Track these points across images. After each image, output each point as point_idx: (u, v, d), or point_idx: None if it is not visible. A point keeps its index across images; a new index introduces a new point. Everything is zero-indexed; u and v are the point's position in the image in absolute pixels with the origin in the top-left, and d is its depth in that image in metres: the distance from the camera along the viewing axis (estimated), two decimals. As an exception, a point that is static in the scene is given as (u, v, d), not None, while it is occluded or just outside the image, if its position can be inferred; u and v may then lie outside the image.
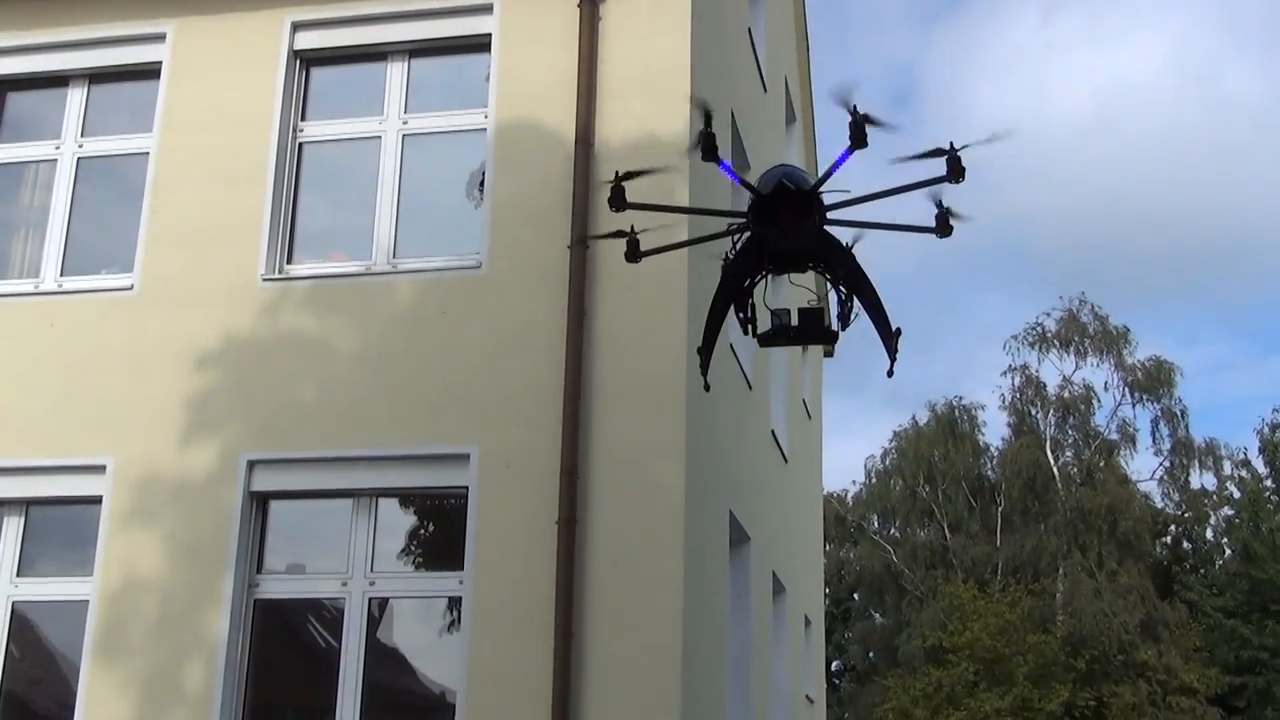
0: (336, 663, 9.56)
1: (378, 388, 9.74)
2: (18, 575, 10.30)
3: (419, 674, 10.05)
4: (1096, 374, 47.23)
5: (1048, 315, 45.93)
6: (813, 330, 4.12)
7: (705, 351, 4.35)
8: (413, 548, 10.08)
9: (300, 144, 10.71)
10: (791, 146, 17.96)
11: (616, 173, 4.49)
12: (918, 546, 46.37)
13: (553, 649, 8.88)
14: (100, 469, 10.08)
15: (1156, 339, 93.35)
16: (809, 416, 18.88)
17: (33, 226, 11.14)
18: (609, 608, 9.06)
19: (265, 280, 10.22)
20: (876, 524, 49.25)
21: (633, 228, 4.44)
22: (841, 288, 4.12)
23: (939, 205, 4.18)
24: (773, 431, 14.46)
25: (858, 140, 3.91)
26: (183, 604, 9.71)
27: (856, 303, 4.14)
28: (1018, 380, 45.46)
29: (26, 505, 10.41)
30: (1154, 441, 45.64)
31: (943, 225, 4.16)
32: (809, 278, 4.81)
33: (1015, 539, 43.76)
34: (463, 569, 9.36)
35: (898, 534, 47.97)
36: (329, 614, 9.95)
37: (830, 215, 4.08)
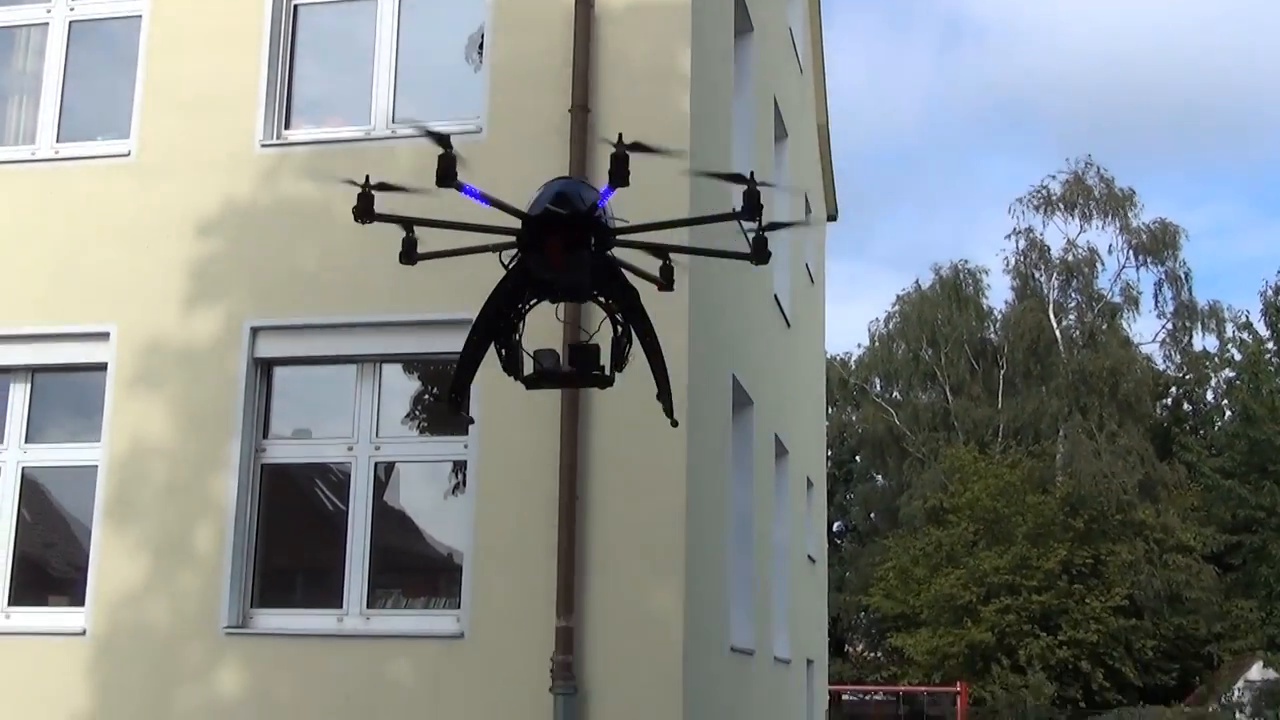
0: (344, 526, 9.71)
1: (379, 253, 9.69)
2: (26, 441, 10.40)
3: (426, 536, 10.22)
4: (1101, 237, 47.18)
5: (1053, 178, 45.76)
6: (585, 372, 3.61)
7: (458, 389, 3.75)
8: (417, 413, 10.16)
9: (295, 7, 10.53)
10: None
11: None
12: (919, 409, 46.73)
13: (557, 511, 9.00)
14: (104, 336, 10.11)
15: (1162, 202, 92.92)
16: (811, 281, 18.86)
17: (26, 93, 11.00)
18: (613, 469, 9.16)
19: (263, 146, 10.14)
20: (879, 387, 49.58)
21: (410, 227, 3.92)
22: (619, 326, 3.66)
23: (754, 232, 3.82)
24: (775, 296, 14.46)
25: (618, 178, 3.62)
26: (191, 469, 9.83)
27: (636, 343, 3.76)
28: (1022, 243, 45.40)
29: (31, 372, 10.47)
30: (1157, 305, 45.78)
31: (759, 252, 3.85)
32: None
33: (1016, 401, 44.09)
34: (467, 433, 9.45)
35: (900, 397, 48.32)
36: (336, 478, 10.07)
37: (626, 238, 3.69)
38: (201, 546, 9.64)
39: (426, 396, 10.21)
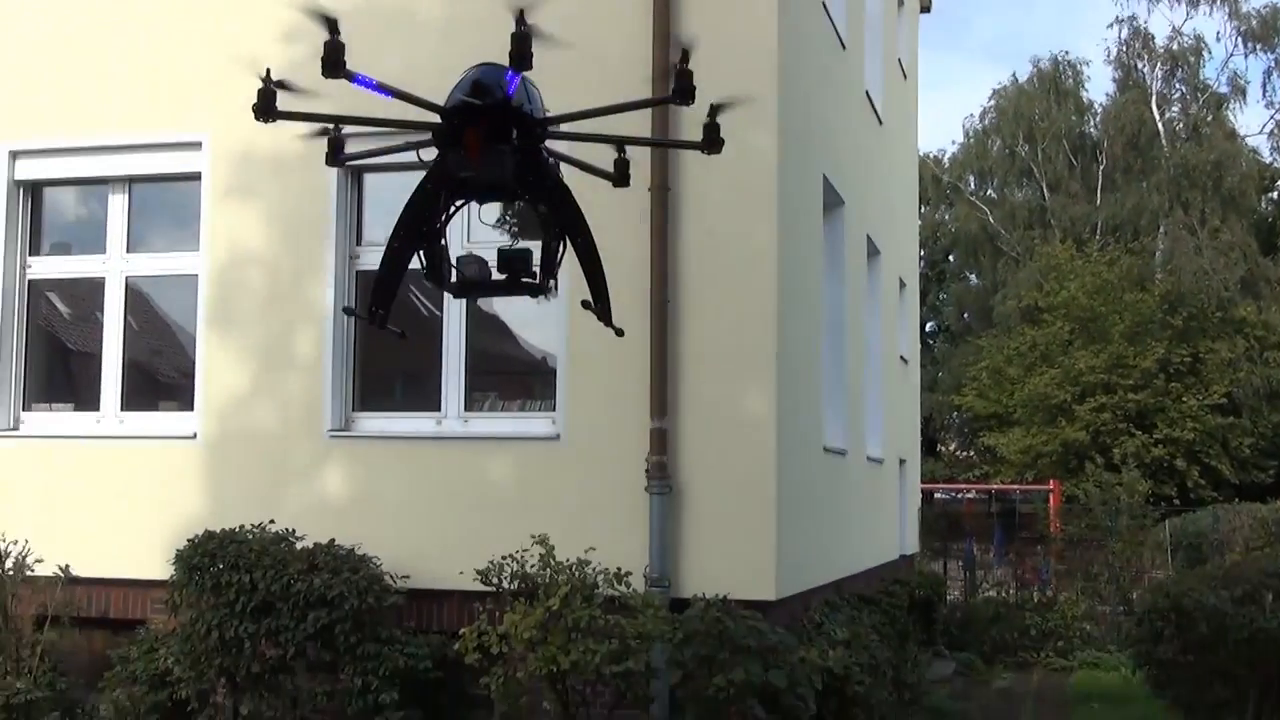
0: (440, 331, 9.84)
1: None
2: (128, 251, 10.61)
3: (520, 341, 10.34)
4: (1208, 24, 45.48)
5: (1160, -38, 43.61)
6: (515, 279, 3.26)
7: (379, 301, 3.50)
8: (506, 217, 10.15)
9: None
10: None
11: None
12: (1015, 207, 45.86)
13: (649, 316, 9.04)
14: (197, 145, 10.20)
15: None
16: (904, 76, 18.37)
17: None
18: (704, 274, 9.15)
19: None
20: (973, 185, 48.62)
21: (337, 126, 3.57)
22: (552, 227, 3.26)
23: (710, 120, 3.38)
24: (866, 93, 14.13)
25: (520, 61, 3.20)
26: (288, 276, 10.00)
27: (566, 245, 3.44)
28: (1124, 32, 43.70)
29: (129, 183, 10.63)
30: (1265, 94, 44.02)
31: (711, 142, 3.43)
32: None
33: (1116, 197, 43.07)
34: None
35: (995, 195, 47.40)
36: (430, 283, 10.15)
37: (554, 130, 3.29)
38: (303, 352, 9.86)
39: (515, 203, 10.18)
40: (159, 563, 9.34)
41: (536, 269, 3.06)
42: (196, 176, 10.25)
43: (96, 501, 10.20)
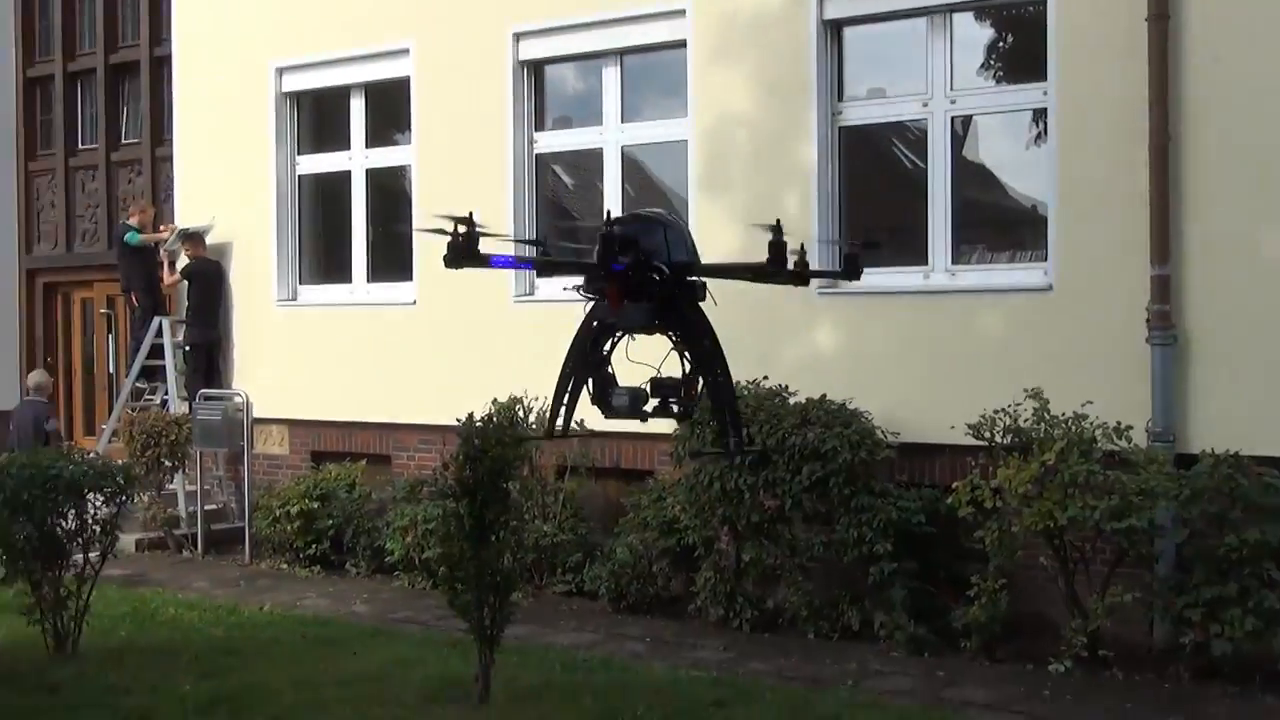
0: (924, 184, 9.70)
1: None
2: (622, 121, 11.13)
3: (1008, 189, 10.00)
4: None
5: None
6: (665, 405, 3.34)
7: (555, 418, 3.52)
8: (992, 61, 9.79)
9: None
10: None
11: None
12: None
13: (1147, 153, 8.49)
14: (681, 13, 10.50)
15: None
16: None
17: None
18: (1208, 108, 8.45)
19: None
20: None
21: (470, 215, 3.42)
22: (687, 362, 3.31)
23: (850, 250, 3.18)
24: None
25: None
26: (772, 136, 10.14)
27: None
28: None
29: (620, 55, 11.10)
30: None
31: (851, 270, 3.16)
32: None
33: None
34: (1045, 79, 9.03)
35: None
36: (913, 136, 10.02)
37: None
38: (788, 210, 10.00)
39: (1000, 44, 9.80)
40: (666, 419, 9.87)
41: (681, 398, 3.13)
42: (682, 44, 10.55)
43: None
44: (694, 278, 3.15)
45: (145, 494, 12.50)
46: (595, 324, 3.00)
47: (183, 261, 13.61)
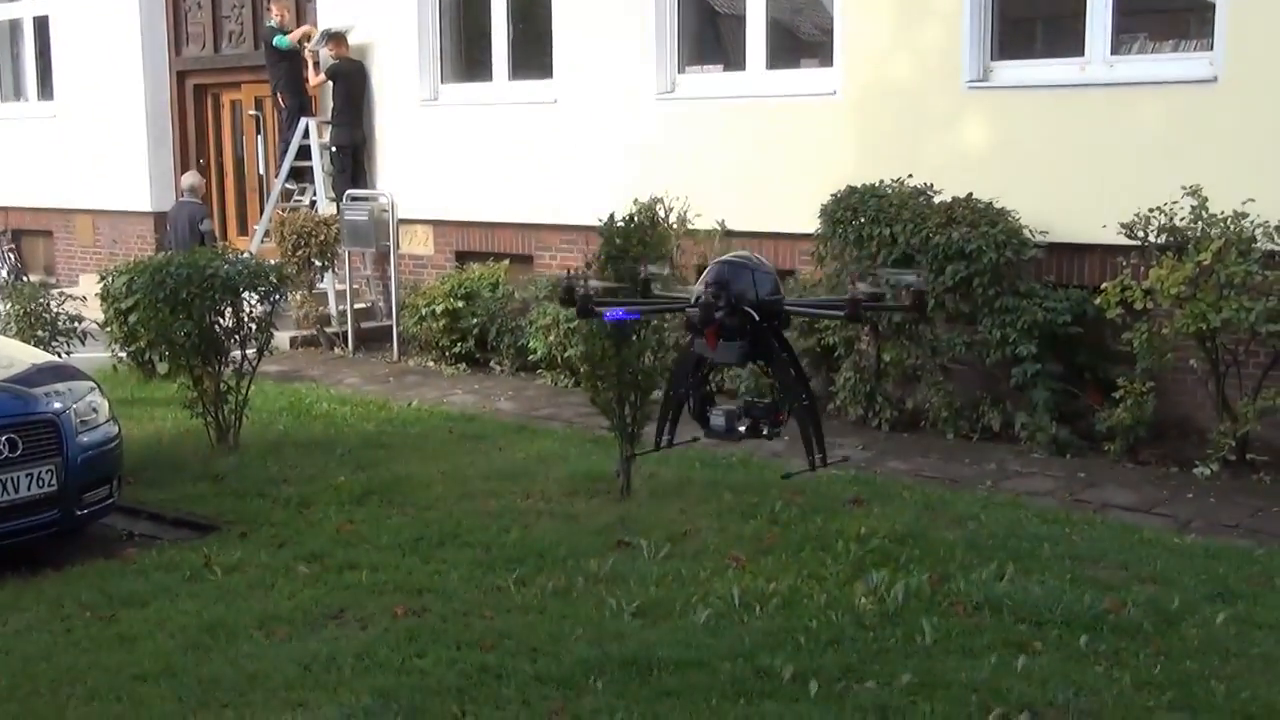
0: (1082, -32, 9.23)
1: None
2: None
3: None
4: None
5: None
6: (756, 427, 3.72)
7: (661, 431, 3.61)
8: None
9: None
10: None
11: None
12: None
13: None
14: None
15: None
16: None
17: None
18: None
19: None
20: None
21: (586, 280, 3.56)
22: (776, 392, 3.38)
23: (916, 290, 3.17)
24: None
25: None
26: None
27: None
28: None
29: None
30: None
31: (917, 306, 3.11)
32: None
33: None
34: None
35: None
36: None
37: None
38: (940, 2, 9.64)
39: None
40: (805, 217, 9.77)
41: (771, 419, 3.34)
42: None
43: (744, 158, 10.77)
44: (779, 316, 3.39)
45: (297, 293, 12.85)
46: (695, 355, 3.30)
47: (327, 62, 13.69)
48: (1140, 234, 8.33)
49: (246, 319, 8.81)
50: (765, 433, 3.58)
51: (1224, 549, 6.50)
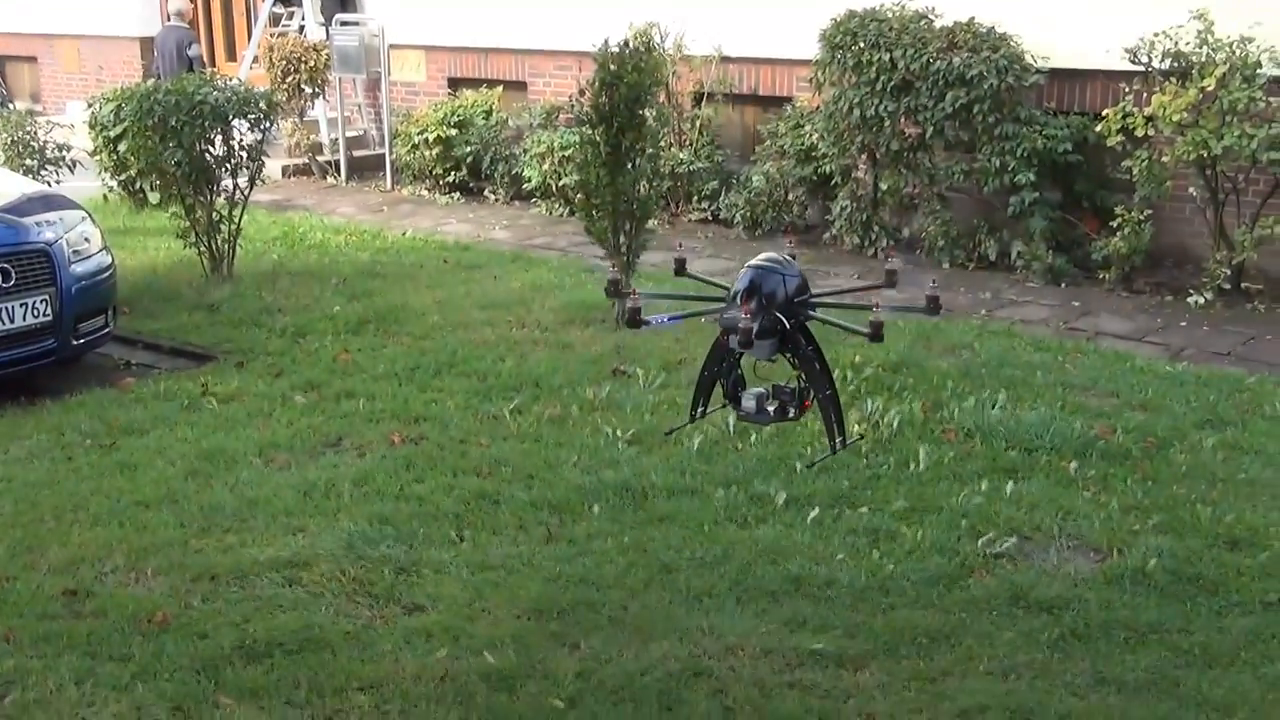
0: None
1: None
2: None
3: None
4: None
5: None
6: (784, 410, 3.83)
7: (695, 407, 4.02)
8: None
9: None
10: None
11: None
12: None
13: None
14: None
15: None
16: None
17: None
18: None
19: None
20: None
21: (635, 292, 3.55)
22: (800, 380, 3.83)
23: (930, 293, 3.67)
24: None
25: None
26: None
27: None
28: None
29: None
30: None
31: (933, 306, 3.57)
32: None
33: None
34: None
35: None
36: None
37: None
38: None
39: None
40: (804, 42, 9.58)
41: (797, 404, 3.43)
42: None
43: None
44: (805, 315, 3.57)
45: (288, 120, 12.68)
46: (728, 346, 3.45)
47: (312, -120, 13.29)
48: (1144, 59, 8.19)
49: (237, 147, 8.70)
50: (791, 415, 3.77)
51: (1215, 376, 6.55)
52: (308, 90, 12.83)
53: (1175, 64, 8.09)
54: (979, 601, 4.30)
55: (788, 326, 3.67)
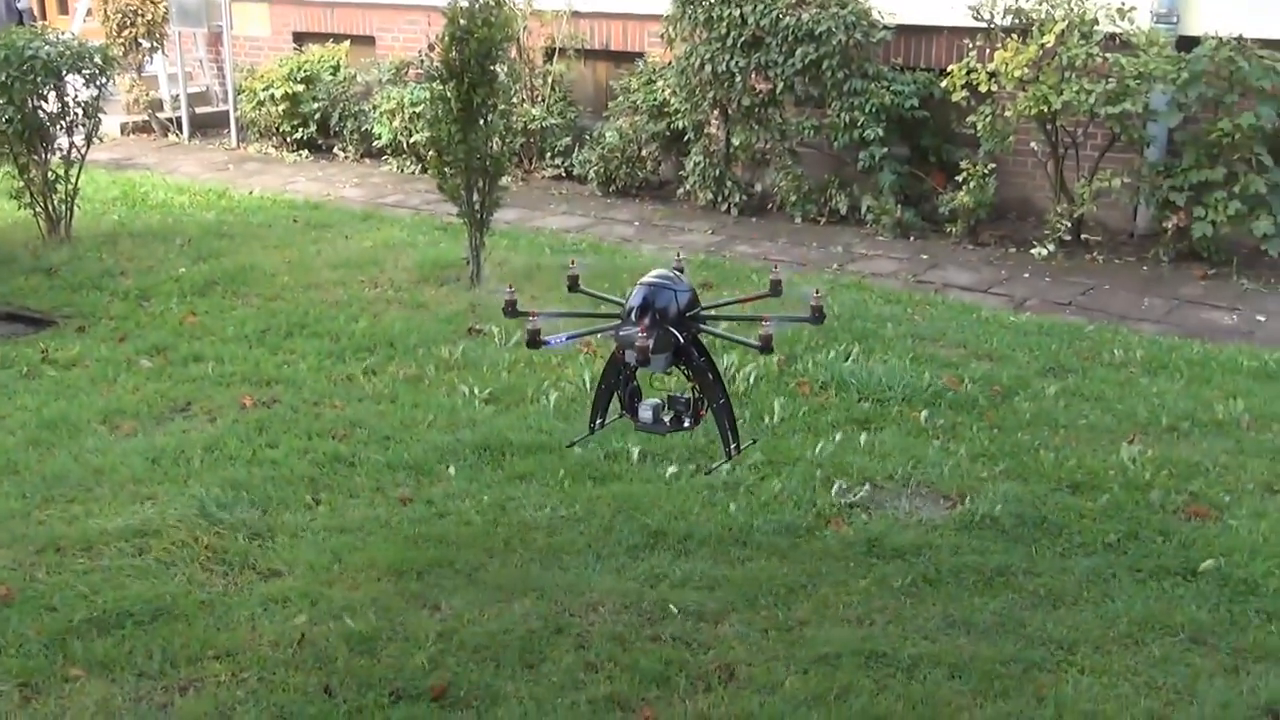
0: None
1: None
2: None
3: None
4: None
5: None
6: (679, 420, 3.91)
7: (593, 420, 4.08)
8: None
9: None
10: None
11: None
12: None
13: None
14: None
15: None
16: None
17: None
18: None
19: None
20: None
21: (534, 313, 3.67)
22: (695, 390, 3.89)
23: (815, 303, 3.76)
24: None
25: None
26: None
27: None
28: None
29: None
30: None
31: (817, 316, 3.74)
32: None
33: None
34: None
35: None
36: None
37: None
38: None
39: None
40: (654, -3, 9.58)
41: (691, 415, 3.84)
42: None
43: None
44: (697, 328, 3.65)
45: (125, 76, 12.27)
46: (623, 361, 3.51)
47: None
48: (987, 16, 8.36)
49: (72, 104, 8.39)
50: (686, 425, 3.82)
51: (1056, 325, 6.75)
52: (145, 44, 12.42)
53: (1017, 21, 8.26)
54: (834, 550, 4.39)
55: (681, 341, 3.73)
